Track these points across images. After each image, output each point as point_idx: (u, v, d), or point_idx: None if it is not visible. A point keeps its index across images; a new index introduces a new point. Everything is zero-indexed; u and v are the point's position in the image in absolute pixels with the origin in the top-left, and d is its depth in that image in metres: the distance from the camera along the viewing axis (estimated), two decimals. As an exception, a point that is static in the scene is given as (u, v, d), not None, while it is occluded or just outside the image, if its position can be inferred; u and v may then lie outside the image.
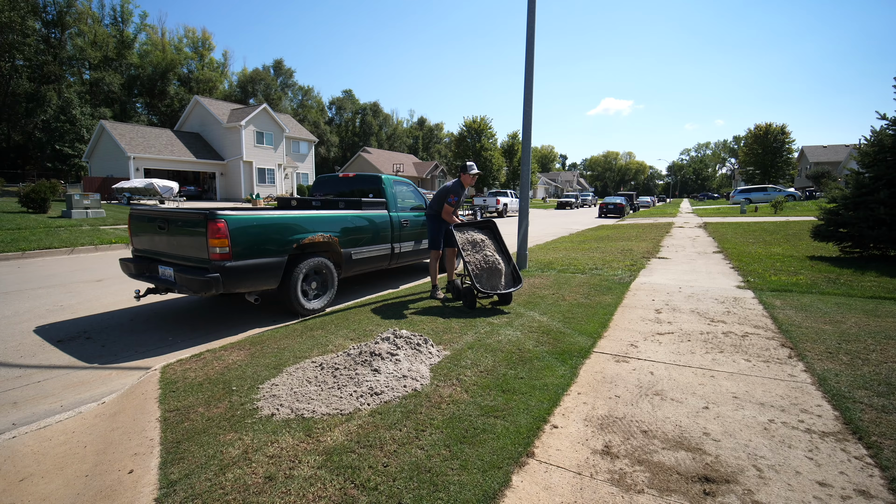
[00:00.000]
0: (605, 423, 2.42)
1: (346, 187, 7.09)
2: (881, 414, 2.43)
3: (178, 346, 4.11)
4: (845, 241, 7.80)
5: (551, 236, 14.62)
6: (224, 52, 62.81)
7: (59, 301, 5.64)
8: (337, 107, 77.45)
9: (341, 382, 2.90)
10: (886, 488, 1.86)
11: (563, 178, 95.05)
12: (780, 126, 48.83)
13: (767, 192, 33.28)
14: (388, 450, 2.15)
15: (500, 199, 26.85)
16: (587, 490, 1.88)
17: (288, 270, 4.69)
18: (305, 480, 1.93)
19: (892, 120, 7.48)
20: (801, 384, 2.87)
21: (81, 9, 43.98)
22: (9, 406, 2.98)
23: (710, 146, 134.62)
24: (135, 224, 4.98)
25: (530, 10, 6.89)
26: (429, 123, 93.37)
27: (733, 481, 1.92)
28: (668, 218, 22.91)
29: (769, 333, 3.88)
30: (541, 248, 10.82)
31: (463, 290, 4.93)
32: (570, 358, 3.35)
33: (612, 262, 7.91)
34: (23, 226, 12.11)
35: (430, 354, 3.39)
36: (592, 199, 58.16)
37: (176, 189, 23.20)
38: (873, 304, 4.73)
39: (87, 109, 36.86)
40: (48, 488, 2.03)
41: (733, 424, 2.39)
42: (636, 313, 4.63)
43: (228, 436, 2.33)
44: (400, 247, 6.28)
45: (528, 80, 6.97)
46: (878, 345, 3.49)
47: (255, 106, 35.88)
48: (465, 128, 45.26)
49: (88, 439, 2.47)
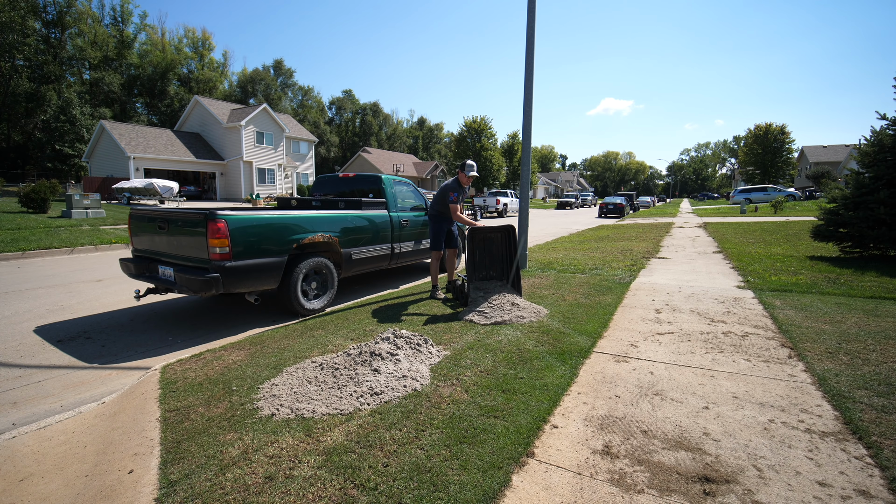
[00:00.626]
0: (605, 423, 2.42)
1: (346, 187, 7.09)
2: (881, 414, 2.43)
3: (178, 346, 4.11)
4: (845, 241, 7.79)
5: (551, 236, 14.62)
6: (224, 52, 62.95)
7: (59, 301, 5.64)
8: (337, 107, 77.46)
9: (341, 382, 2.90)
10: (886, 488, 1.85)
11: (563, 178, 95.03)
12: (780, 126, 48.84)
13: (767, 192, 33.27)
14: (388, 450, 2.15)
15: (500, 199, 26.84)
16: (587, 490, 1.88)
17: (288, 270, 4.69)
18: (305, 480, 1.93)
19: (892, 120, 7.48)
20: (801, 384, 2.87)
21: (81, 9, 43.98)
22: (9, 406, 2.98)
23: (710, 146, 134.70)
24: (135, 224, 4.98)
25: (530, 10, 6.89)
26: (429, 123, 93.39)
27: (733, 481, 1.92)
28: (667, 218, 22.91)
29: (769, 333, 3.88)
30: (541, 248, 10.82)
31: (458, 288, 4.99)
32: (570, 358, 3.35)
33: (612, 262, 7.91)
34: (23, 226, 12.11)
35: (430, 354, 3.38)
36: (592, 199, 58.16)
37: (176, 189, 23.20)
38: (873, 304, 4.73)
39: (87, 109, 36.84)
40: (48, 488, 2.03)
41: (733, 424, 2.39)
42: (636, 313, 4.63)
43: (228, 436, 2.33)
44: (400, 247, 6.28)
45: (528, 80, 6.97)
46: (878, 345, 3.49)
47: (255, 106, 35.88)
48: (465, 128, 45.28)
49: (88, 439, 2.47)
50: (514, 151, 48.21)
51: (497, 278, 5.18)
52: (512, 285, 5.00)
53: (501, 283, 5.08)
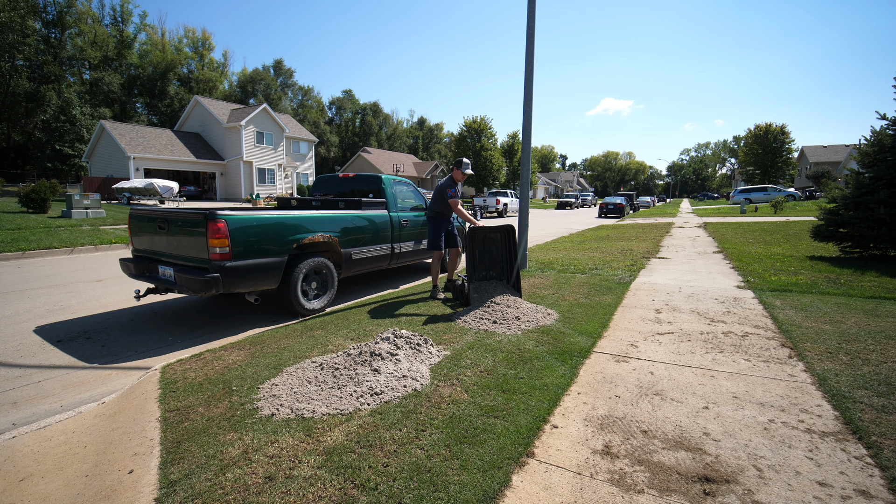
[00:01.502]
0: (605, 423, 2.42)
1: (346, 187, 7.09)
2: (881, 414, 2.43)
3: (178, 346, 4.11)
4: (845, 241, 7.80)
5: (551, 236, 14.62)
6: (224, 52, 62.95)
7: (59, 301, 5.64)
8: (337, 107, 77.46)
9: (341, 382, 2.89)
10: (886, 488, 1.85)
11: (563, 178, 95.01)
12: (780, 126, 48.81)
13: (767, 192, 33.26)
14: (388, 450, 2.15)
15: (500, 198, 26.85)
16: (587, 490, 1.88)
17: (288, 270, 4.69)
18: (305, 480, 1.93)
19: (892, 120, 7.48)
20: (801, 384, 2.87)
21: (81, 9, 44.00)
22: (9, 406, 2.98)
23: (710, 146, 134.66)
24: (135, 224, 4.98)
25: (530, 10, 6.89)
26: (429, 123, 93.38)
27: (733, 481, 1.92)
28: (667, 218, 22.91)
29: (769, 333, 3.88)
30: (541, 248, 10.82)
31: (458, 288, 4.99)
32: (570, 358, 3.35)
33: (612, 262, 7.91)
34: (23, 226, 12.11)
35: (430, 354, 3.38)
36: (592, 199, 58.15)
37: (176, 189, 23.20)
38: (873, 304, 4.73)
39: (87, 109, 36.84)
40: (48, 488, 2.03)
41: (733, 424, 2.39)
42: (636, 313, 4.63)
43: (228, 436, 2.33)
44: (400, 247, 6.28)
45: (528, 80, 6.97)
46: (878, 345, 3.49)
47: (255, 106, 35.87)
48: (465, 128, 45.25)
49: (88, 439, 2.47)
50: (514, 151, 48.19)
51: (497, 278, 5.18)
52: (513, 286, 5.00)
53: (502, 283, 5.08)
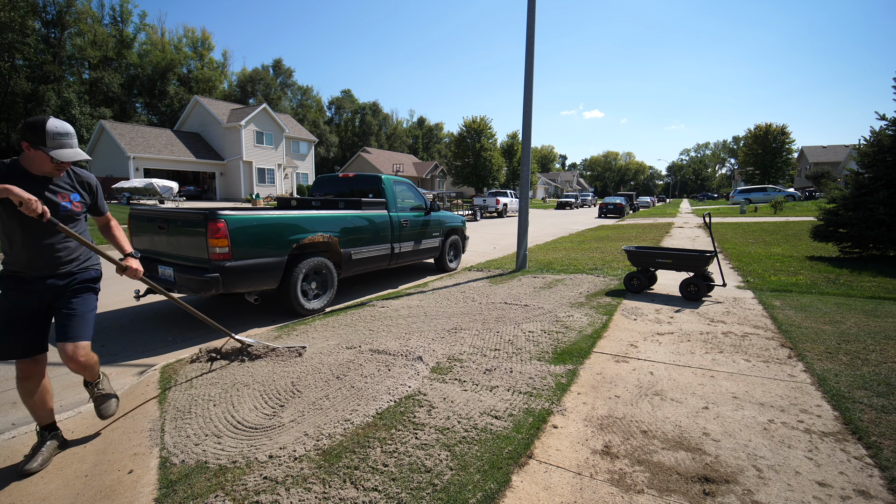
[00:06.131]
0: (605, 424, 2.42)
1: (345, 187, 7.09)
2: (881, 414, 2.43)
3: (178, 345, 4.11)
4: (845, 242, 7.80)
5: (551, 236, 14.62)
6: (224, 52, 62.90)
7: (59, 301, 5.62)
8: (336, 106, 77.42)
9: (341, 382, 2.89)
10: (886, 488, 1.86)
11: (562, 178, 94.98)
12: (780, 126, 48.75)
13: (767, 192, 33.27)
14: (388, 450, 2.15)
15: (500, 199, 26.82)
16: (587, 490, 1.88)
17: (288, 270, 4.69)
18: (305, 480, 1.93)
19: (892, 120, 7.49)
20: (800, 384, 2.87)
21: (81, 8, 43.92)
22: (9, 406, 2.97)
23: (709, 146, 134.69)
24: (134, 224, 4.98)
25: (530, 11, 6.89)
26: (429, 123, 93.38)
27: (733, 481, 1.92)
28: (667, 218, 22.91)
29: (769, 333, 3.88)
30: (541, 248, 10.82)
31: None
32: (570, 358, 3.35)
33: (612, 262, 7.91)
34: (22, 226, 12.08)
35: (429, 354, 3.38)
36: (592, 199, 58.11)
37: (176, 189, 23.21)
38: (873, 305, 4.73)
39: (87, 109, 36.83)
40: (48, 488, 2.03)
41: (733, 424, 2.39)
42: (636, 313, 4.63)
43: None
44: (400, 247, 6.28)
45: (528, 80, 6.97)
46: (877, 345, 3.49)
47: (254, 106, 35.86)
48: (465, 128, 45.22)
49: (88, 439, 2.47)
50: (513, 151, 48.17)
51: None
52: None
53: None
